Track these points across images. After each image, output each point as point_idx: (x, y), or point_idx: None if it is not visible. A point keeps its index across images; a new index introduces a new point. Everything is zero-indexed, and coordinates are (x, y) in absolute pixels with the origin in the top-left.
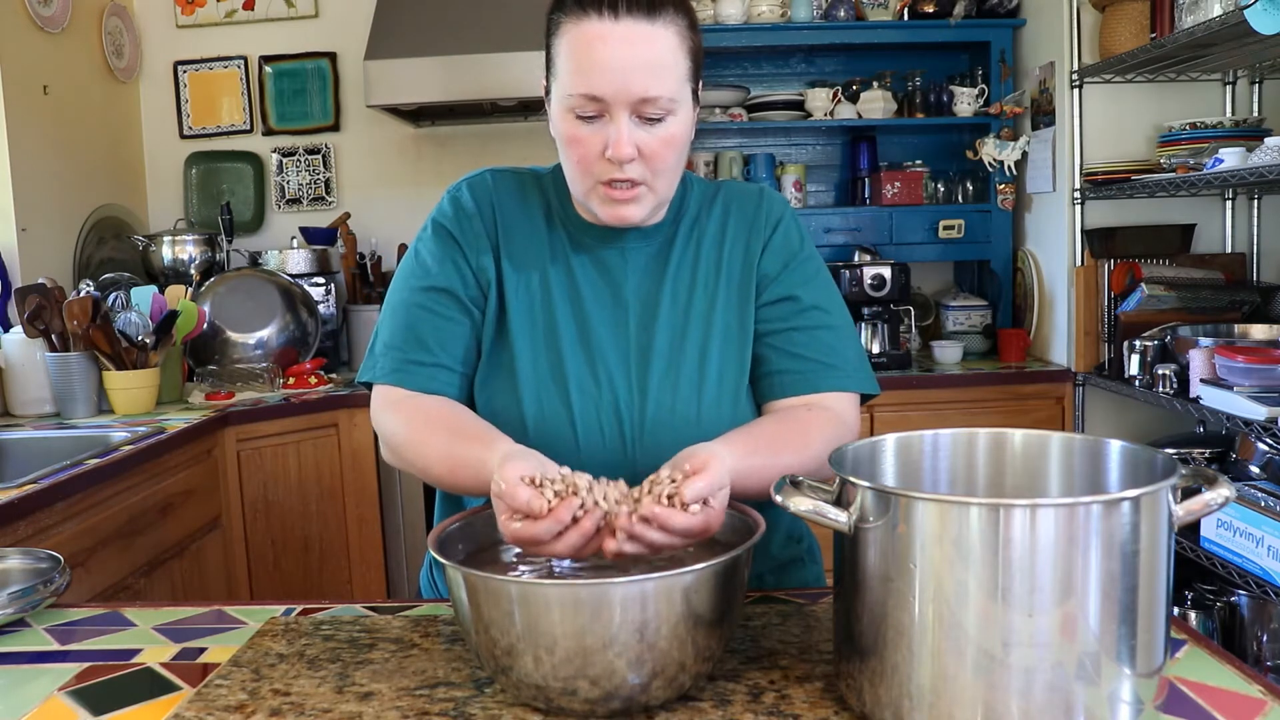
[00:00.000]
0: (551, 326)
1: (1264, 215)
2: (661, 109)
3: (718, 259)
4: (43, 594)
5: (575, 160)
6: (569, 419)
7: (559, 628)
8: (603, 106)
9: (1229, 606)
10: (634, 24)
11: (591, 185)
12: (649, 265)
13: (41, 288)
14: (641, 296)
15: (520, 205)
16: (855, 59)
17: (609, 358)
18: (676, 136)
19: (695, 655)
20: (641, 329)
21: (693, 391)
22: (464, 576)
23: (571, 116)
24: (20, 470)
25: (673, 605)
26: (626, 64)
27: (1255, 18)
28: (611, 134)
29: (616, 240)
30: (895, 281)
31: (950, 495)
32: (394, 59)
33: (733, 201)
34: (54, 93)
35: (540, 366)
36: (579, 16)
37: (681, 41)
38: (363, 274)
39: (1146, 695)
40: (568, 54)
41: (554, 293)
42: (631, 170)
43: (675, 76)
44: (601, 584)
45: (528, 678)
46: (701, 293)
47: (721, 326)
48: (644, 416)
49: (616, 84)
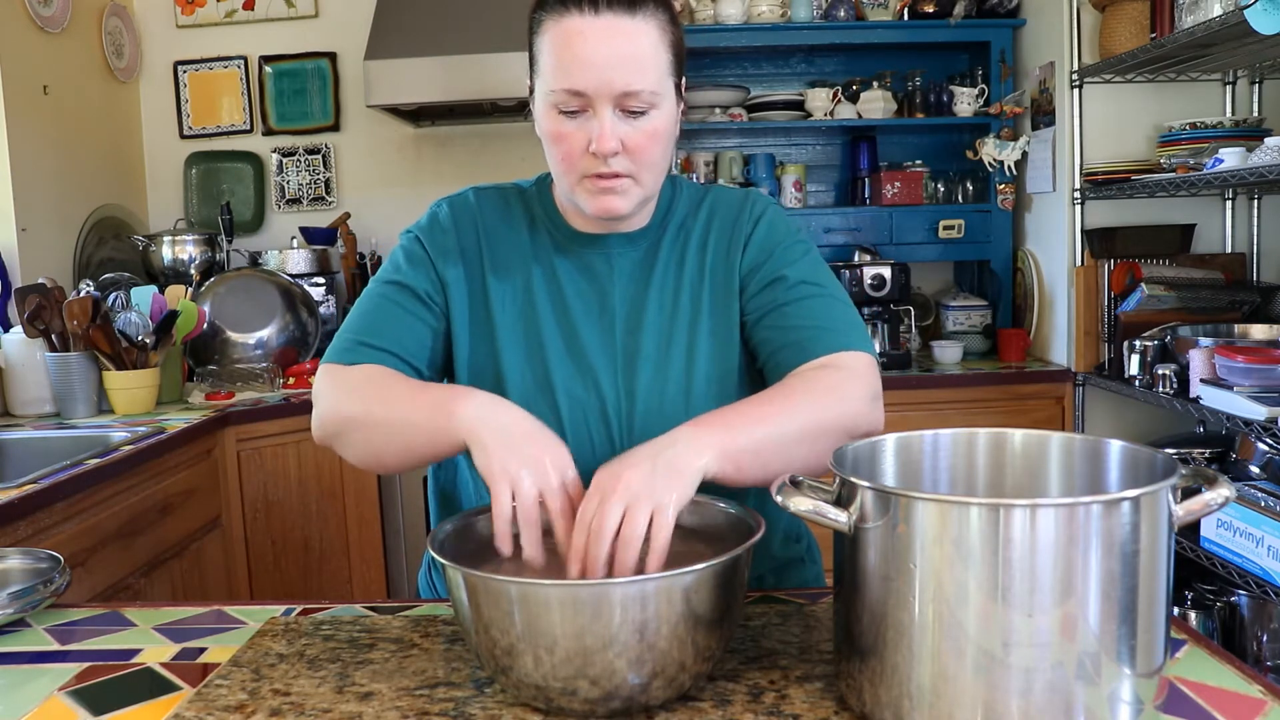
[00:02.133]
0: (536, 334)
1: (1264, 215)
2: (644, 102)
3: (701, 262)
4: (43, 594)
5: (560, 156)
6: (557, 425)
7: (559, 628)
8: (585, 101)
9: (1229, 606)
10: (614, 19)
11: (577, 179)
12: (635, 271)
13: (41, 288)
14: (628, 302)
15: (503, 218)
16: (855, 59)
17: (595, 363)
18: (660, 130)
19: (695, 655)
20: (628, 334)
21: (680, 395)
22: (464, 576)
23: (555, 112)
24: (20, 470)
25: (673, 605)
26: (608, 58)
27: (1255, 18)
28: (595, 128)
29: (602, 246)
30: (895, 281)
31: (950, 495)
32: (394, 59)
33: (718, 206)
34: (54, 93)
35: (526, 375)
36: (560, 13)
37: (663, 35)
38: (363, 274)
39: (1146, 695)
40: (549, 50)
41: (538, 299)
42: (616, 164)
43: (657, 70)
44: (601, 584)
45: (528, 678)
46: (687, 297)
47: (707, 330)
48: (632, 421)
49: (598, 78)
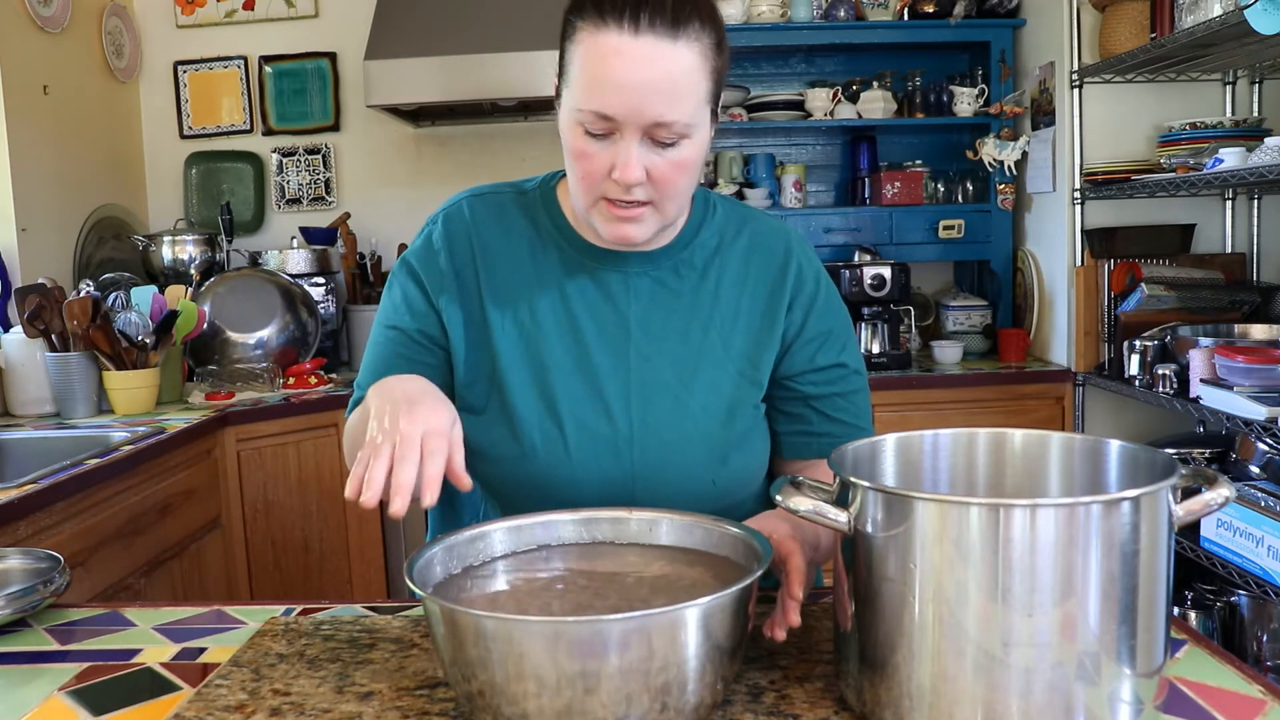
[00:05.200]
0: (540, 361)
1: (1264, 215)
2: (675, 134)
3: (738, 300)
4: (43, 594)
5: (580, 175)
6: (565, 454)
7: (545, 666)
8: (613, 125)
9: (1229, 606)
10: (655, 41)
11: (594, 201)
12: (655, 292)
13: (41, 288)
14: (646, 325)
15: (502, 234)
16: (855, 59)
17: (607, 389)
18: (689, 160)
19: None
20: (643, 360)
21: (698, 432)
22: (439, 607)
23: (580, 130)
24: (20, 470)
25: (677, 645)
26: (642, 84)
27: (1255, 18)
28: (620, 155)
29: (619, 262)
30: (895, 281)
31: (950, 495)
32: (394, 59)
33: (759, 239)
34: (54, 93)
35: (532, 402)
36: (597, 25)
37: (704, 62)
38: (363, 274)
39: (1146, 695)
40: (582, 65)
41: (544, 324)
42: (638, 193)
43: (693, 100)
44: (595, 621)
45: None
46: (718, 333)
47: (735, 371)
48: (646, 455)
49: (629, 105)
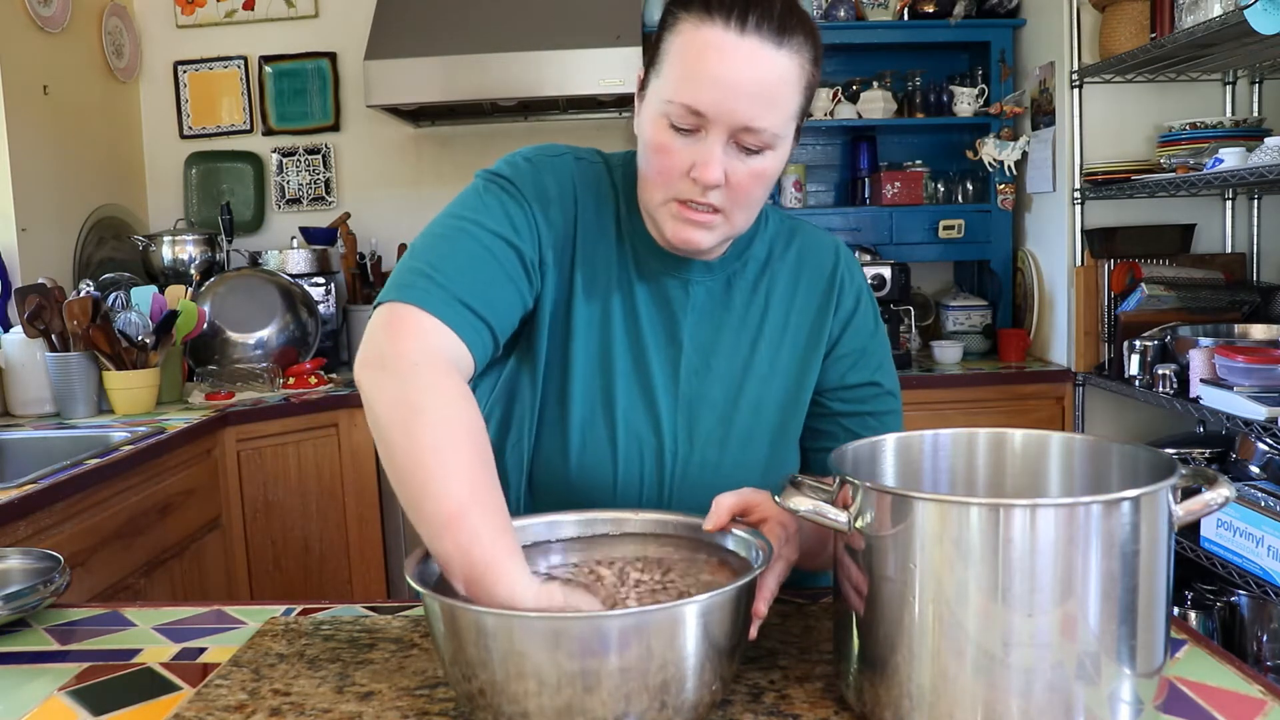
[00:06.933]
0: (609, 359)
1: (1264, 215)
2: (761, 142)
3: (786, 316)
4: (43, 594)
5: (656, 170)
6: (611, 456)
7: (545, 663)
8: (701, 122)
9: (1229, 606)
10: (759, 44)
11: (665, 199)
12: (708, 305)
13: (41, 288)
14: (697, 340)
15: (597, 214)
16: (855, 59)
17: (660, 401)
18: (768, 172)
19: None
20: (693, 374)
21: (742, 451)
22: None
23: (665, 123)
24: (20, 470)
25: (676, 644)
26: (739, 85)
27: (1255, 18)
28: (702, 154)
29: (681, 270)
30: (895, 281)
31: (950, 495)
32: (394, 59)
33: (808, 252)
34: (54, 93)
35: (593, 394)
36: (702, 19)
37: (801, 74)
38: (363, 274)
39: (1146, 695)
40: (679, 57)
41: (614, 321)
42: (713, 196)
43: (785, 111)
44: (595, 616)
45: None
46: (765, 350)
47: (780, 389)
48: (687, 468)
49: (723, 103)
